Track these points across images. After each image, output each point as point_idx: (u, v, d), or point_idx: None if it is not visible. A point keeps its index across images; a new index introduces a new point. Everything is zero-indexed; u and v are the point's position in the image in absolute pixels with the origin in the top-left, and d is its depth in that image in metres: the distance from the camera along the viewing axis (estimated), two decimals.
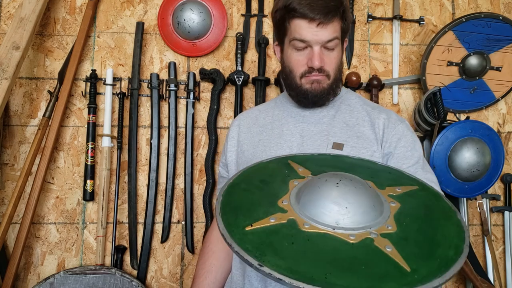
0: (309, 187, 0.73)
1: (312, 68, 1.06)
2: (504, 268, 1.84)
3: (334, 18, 1.03)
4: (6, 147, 1.74)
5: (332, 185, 0.71)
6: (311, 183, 0.74)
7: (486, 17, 1.77)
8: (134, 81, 1.75)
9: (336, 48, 1.07)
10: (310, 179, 0.78)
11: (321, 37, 1.03)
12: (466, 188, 1.69)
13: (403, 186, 0.81)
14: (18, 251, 1.58)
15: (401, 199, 0.76)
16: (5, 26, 1.78)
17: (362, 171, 0.85)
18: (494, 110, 1.92)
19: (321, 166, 0.85)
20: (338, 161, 0.89)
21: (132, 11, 1.84)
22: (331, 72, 1.08)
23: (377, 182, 0.80)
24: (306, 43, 1.05)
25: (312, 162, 0.87)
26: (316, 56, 1.04)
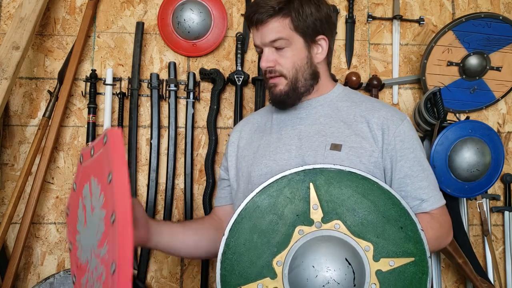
0: (300, 271, 0.79)
1: (264, 70, 1.09)
2: (504, 268, 1.84)
3: (270, 18, 1.04)
4: (6, 147, 1.74)
5: (319, 285, 0.78)
6: (304, 267, 0.80)
7: (486, 17, 1.77)
8: (134, 81, 1.75)
9: (289, 47, 1.06)
10: (308, 251, 0.81)
11: (263, 38, 1.06)
12: (466, 188, 1.69)
13: (400, 259, 0.83)
14: (18, 251, 1.58)
15: (384, 279, 0.81)
16: (5, 26, 1.78)
17: (377, 220, 0.85)
18: (494, 110, 1.92)
19: (338, 203, 0.85)
20: (361, 194, 0.86)
21: (132, 11, 1.84)
22: (285, 71, 1.07)
23: (378, 246, 0.83)
24: (258, 47, 1.09)
25: (333, 190, 0.86)
26: (263, 58, 1.07)
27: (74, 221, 0.92)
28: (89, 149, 0.86)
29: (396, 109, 1.14)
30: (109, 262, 0.69)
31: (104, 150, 0.78)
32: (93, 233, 0.80)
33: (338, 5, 1.88)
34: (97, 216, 0.79)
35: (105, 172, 0.75)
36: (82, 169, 0.91)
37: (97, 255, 0.77)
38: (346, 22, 1.87)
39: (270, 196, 0.85)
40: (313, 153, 1.05)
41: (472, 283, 1.69)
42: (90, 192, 0.84)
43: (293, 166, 1.05)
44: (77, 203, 0.92)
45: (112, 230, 0.69)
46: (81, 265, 0.87)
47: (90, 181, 0.84)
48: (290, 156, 1.07)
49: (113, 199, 0.69)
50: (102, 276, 0.73)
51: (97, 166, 0.82)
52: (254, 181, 1.08)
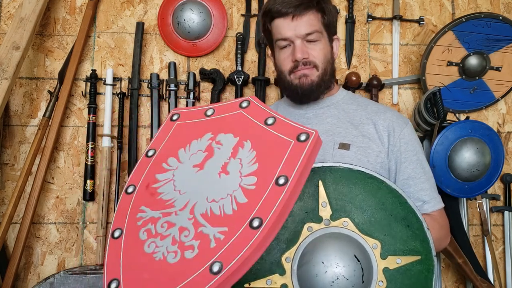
0: (309, 267, 0.79)
1: (297, 61, 1.06)
2: (504, 268, 1.84)
3: (308, 10, 1.04)
4: (6, 147, 1.74)
5: (327, 282, 0.78)
6: (313, 263, 0.79)
7: (486, 17, 1.77)
8: (134, 81, 1.75)
9: (320, 41, 1.07)
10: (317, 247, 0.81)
11: (299, 30, 1.05)
12: (466, 188, 1.69)
13: (406, 257, 0.83)
14: (18, 251, 1.58)
15: (391, 277, 0.81)
16: (5, 26, 1.78)
17: (384, 218, 0.85)
18: (494, 110, 1.92)
19: (346, 200, 0.85)
20: (369, 192, 0.87)
21: (132, 11, 1.84)
22: (318, 62, 1.08)
23: (386, 244, 0.83)
24: (287, 40, 1.07)
25: (341, 188, 0.86)
26: (298, 49, 1.05)
27: (180, 142, 0.88)
28: (268, 114, 0.82)
29: (398, 112, 1.16)
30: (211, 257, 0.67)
31: (295, 147, 0.75)
32: (205, 192, 0.77)
33: (338, 5, 1.88)
34: (226, 187, 0.76)
35: (276, 166, 0.73)
36: (238, 113, 0.86)
37: (196, 223, 0.73)
38: (346, 22, 1.87)
39: None
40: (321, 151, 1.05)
41: (472, 283, 1.69)
42: (233, 152, 0.80)
43: None
44: (200, 132, 0.87)
45: (245, 234, 0.68)
46: (158, 196, 0.81)
47: (243, 141, 0.81)
48: None
49: (268, 208, 0.68)
50: (187, 251, 0.70)
51: (268, 145, 0.78)
52: None
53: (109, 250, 0.79)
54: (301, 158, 0.73)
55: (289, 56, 1.08)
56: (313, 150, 0.75)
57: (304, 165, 0.72)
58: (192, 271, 0.67)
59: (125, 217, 0.82)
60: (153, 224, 0.78)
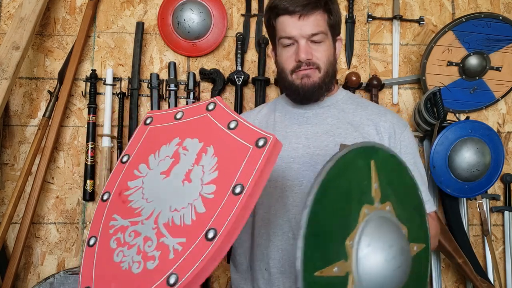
0: (377, 251, 0.75)
1: (300, 62, 1.06)
2: (504, 268, 1.84)
3: (315, 10, 1.03)
4: (6, 147, 1.74)
5: (395, 267, 0.75)
6: (381, 247, 0.75)
7: (486, 17, 1.77)
8: (134, 81, 1.75)
9: (325, 42, 1.06)
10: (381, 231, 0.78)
11: (305, 30, 1.04)
12: (466, 188, 1.69)
13: (419, 244, 0.85)
14: (18, 251, 1.58)
15: (412, 265, 0.81)
16: (5, 26, 1.78)
17: (408, 206, 0.86)
18: (494, 110, 1.92)
19: (389, 185, 0.83)
20: (400, 178, 0.86)
21: (132, 11, 1.84)
22: (321, 64, 1.07)
23: (410, 233, 0.83)
24: (292, 39, 1.06)
25: (385, 171, 0.83)
26: (302, 49, 1.04)
27: (151, 147, 0.87)
28: (232, 117, 0.81)
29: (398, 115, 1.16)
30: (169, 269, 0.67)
31: (253, 153, 0.73)
32: (168, 201, 0.76)
33: None
34: (188, 196, 0.75)
35: (234, 174, 0.72)
36: (204, 117, 0.84)
37: (158, 233, 0.74)
38: (346, 22, 1.87)
39: (342, 170, 0.78)
40: (322, 152, 1.05)
41: (472, 283, 1.69)
42: (197, 158, 0.79)
43: (301, 164, 1.05)
44: (169, 137, 0.86)
45: (200, 246, 0.67)
46: (128, 204, 0.81)
47: (207, 147, 0.79)
48: (297, 154, 1.06)
49: (224, 218, 0.68)
50: (149, 262, 0.71)
51: (228, 150, 0.77)
52: None
53: (85, 257, 0.80)
54: (257, 165, 0.71)
55: (292, 55, 1.07)
56: (271, 156, 0.73)
57: (260, 173, 0.71)
58: (152, 282, 0.68)
59: (100, 225, 0.83)
60: (122, 233, 0.78)
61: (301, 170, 1.04)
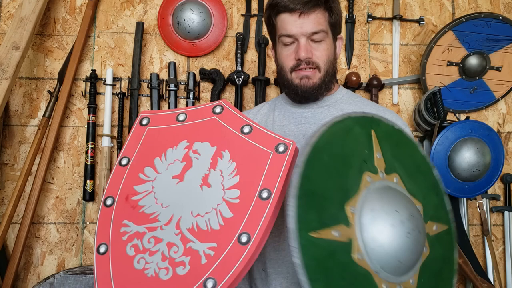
0: (382, 216, 0.70)
1: (300, 60, 1.05)
2: (504, 268, 1.84)
3: (316, 8, 1.02)
4: (6, 147, 1.74)
5: (404, 233, 0.70)
6: (385, 212, 0.71)
7: (486, 17, 1.77)
8: (134, 81, 1.75)
9: (325, 41, 1.06)
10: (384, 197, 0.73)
11: (305, 28, 1.03)
12: (466, 188, 1.69)
13: (439, 224, 0.81)
14: (18, 251, 1.58)
15: (432, 243, 0.78)
16: (5, 26, 1.78)
17: (421, 182, 0.82)
18: (494, 110, 1.92)
19: (395, 157, 0.79)
20: (409, 153, 0.82)
21: (132, 11, 1.84)
22: (321, 63, 1.06)
23: (425, 210, 0.79)
24: (292, 37, 1.05)
25: (390, 143, 0.80)
26: (302, 48, 1.04)
27: (155, 150, 0.86)
28: (244, 122, 0.81)
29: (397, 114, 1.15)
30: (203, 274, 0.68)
31: (274, 158, 0.75)
32: (189, 206, 0.76)
33: None
34: (210, 201, 0.75)
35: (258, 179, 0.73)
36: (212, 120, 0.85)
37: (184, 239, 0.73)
38: (346, 22, 1.87)
39: (337, 135, 0.75)
40: None
41: (472, 283, 1.69)
42: (213, 163, 0.79)
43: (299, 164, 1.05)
44: (175, 140, 0.85)
45: (234, 250, 0.68)
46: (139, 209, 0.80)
47: (221, 151, 0.80)
48: None
49: (255, 222, 0.69)
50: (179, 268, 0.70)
51: (247, 155, 0.77)
52: None
53: (97, 265, 0.79)
54: (281, 171, 0.73)
55: (292, 54, 1.06)
56: (292, 162, 0.75)
57: (285, 178, 0.73)
58: (186, 287, 0.68)
59: (109, 232, 0.82)
60: (139, 239, 0.77)
61: None
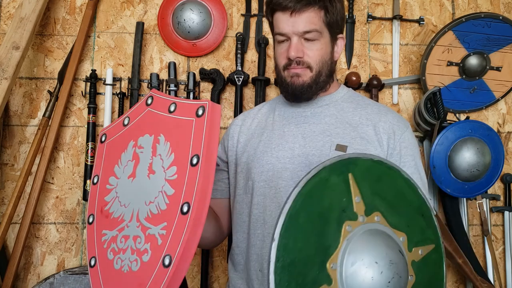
0: (362, 269, 0.72)
1: (290, 59, 1.04)
2: (504, 268, 1.84)
3: (308, 7, 1.01)
4: (6, 147, 1.74)
5: (384, 283, 0.72)
6: (365, 264, 0.72)
7: (486, 17, 1.77)
8: (134, 81, 1.75)
9: (319, 40, 1.04)
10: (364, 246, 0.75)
11: (297, 27, 1.02)
12: (466, 188, 1.69)
13: (425, 246, 0.82)
14: (18, 251, 1.58)
15: (418, 270, 0.79)
16: (5, 26, 1.78)
17: (406, 209, 0.83)
18: (494, 110, 1.92)
19: (376, 194, 0.80)
20: (390, 184, 0.83)
21: (132, 11, 1.84)
22: (313, 64, 1.05)
23: (409, 238, 0.80)
24: (284, 35, 1.05)
25: (369, 180, 0.81)
26: (292, 47, 1.03)
27: (113, 160, 0.91)
28: (169, 102, 0.84)
29: (399, 115, 1.14)
30: (161, 253, 0.70)
31: (197, 123, 0.76)
32: (142, 197, 0.80)
33: None
34: (156, 186, 0.78)
35: (187, 148, 0.75)
36: (147, 112, 0.87)
37: (143, 228, 0.77)
38: (346, 22, 1.87)
39: (312, 193, 0.75)
40: (317, 152, 1.04)
41: (472, 283, 1.69)
42: (153, 150, 0.82)
43: (296, 164, 1.03)
44: (124, 143, 0.89)
45: (180, 221, 0.70)
46: (110, 216, 0.85)
47: (157, 137, 0.82)
48: (293, 154, 1.06)
49: (191, 190, 0.70)
50: (144, 255, 0.74)
51: (175, 131, 0.79)
52: (255, 178, 1.08)
53: (91, 278, 0.85)
54: (204, 132, 0.74)
55: (284, 52, 1.06)
56: (213, 120, 0.75)
57: (209, 138, 0.74)
58: (151, 271, 0.72)
59: (94, 245, 0.87)
60: (114, 243, 0.83)
61: (297, 171, 1.03)
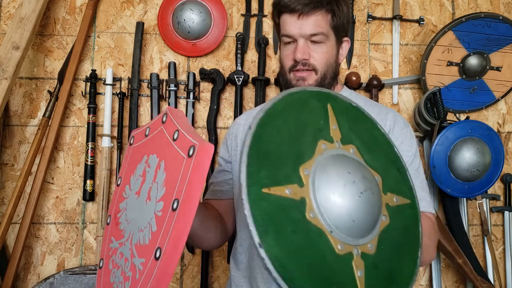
0: (334, 177, 0.72)
1: (296, 61, 1.05)
2: (504, 268, 1.84)
3: (316, 10, 1.02)
4: (6, 147, 1.74)
5: (356, 192, 0.71)
6: (337, 173, 0.72)
7: (486, 17, 1.77)
8: (134, 81, 1.75)
9: (325, 43, 1.05)
10: (337, 161, 0.75)
11: (304, 29, 1.03)
12: (466, 188, 1.69)
13: (401, 197, 0.82)
14: (18, 251, 1.58)
15: (393, 214, 0.79)
16: (5, 26, 1.78)
17: (380, 157, 0.84)
18: (494, 110, 1.92)
19: (352, 131, 0.81)
20: (367, 129, 0.84)
21: (132, 11, 1.84)
22: (318, 66, 1.06)
23: (384, 182, 0.81)
24: (291, 37, 1.05)
25: (347, 118, 0.82)
26: (299, 49, 1.04)
27: (132, 168, 0.88)
28: (175, 127, 0.78)
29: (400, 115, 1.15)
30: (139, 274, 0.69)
31: (186, 163, 0.70)
32: (139, 222, 0.77)
33: None
34: (147, 216, 0.74)
35: (173, 188, 0.69)
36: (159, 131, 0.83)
37: (131, 255, 0.75)
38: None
39: (292, 104, 0.76)
40: None
41: (472, 283, 1.69)
42: (155, 175, 0.78)
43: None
44: (141, 155, 0.86)
45: (150, 268, 0.67)
46: (118, 226, 0.84)
47: (160, 163, 0.78)
48: None
49: (165, 237, 0.66)
50: (127, 283, 0.73)
51: (172, 163, 0.74)
52: None
53: (97, 279, 0.86)
54: (187, 177, 0.67)
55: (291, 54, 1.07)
56: (199, 164, 0.67)
57: (190, 184, 0.67)
58: None
59: (105, 248, 0.86)
60: (115, 254, 0.81)
61: None
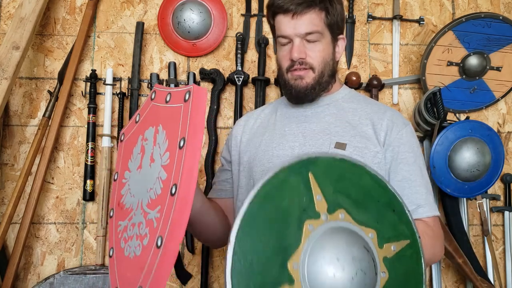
0: (324, 267, 0.72)
1: (293, 61, 1.06)
2: (504, 268, 1.84)
3: (309, 8, 1.02)
4: (6, 147, 1.74)
5: (347, 278, 0.72)
6: (326, 261, 0.72)
7: (486, 17, 1.77)
8: (134, 81, 1.75)
9: (320, 41, 1.06)
10: (325, 245, 0.75)
11: (299, 29, 1.04)
12: (466, 188, 1.69)
13: (398, 242, 0.82)
14: (18, 251, 1.58)
15: (391, 266, 0.79)
16: (5, 26, 1.78)
17: (372, 207, 0.83)
18: (494, 110, 1.92)
19: (338, 192, 0.81)
20: (355, 181, 0.83)
21: (132, 11, 1.84)
22: (315, 64, 1.06)
23: (379, 234, 0.80)
24: (287, 37, 1.06)
25: (330, 180, 0.81)
26: (295, 48, 1.05)
27: (127, 155, 0.96)
28: (166, 92, 0.87)
29: (400, 114, 1.14)
30: (155, 236, 0.73)
31: (184, 107, 0.78)
32: (145, 186, 0.83)
33: None
34: (154, 173, 0.81)
35: (177, 133, 0.77)
36: (151, 106, 0.91)
37: (145, 214, 0.81)
38: (346, 22, 1.87)
39: (270, 195, 0.76)
40: (317, 150, 1.05)
41: (472, 283, 1.69)
42: (154, 140, 0.86)
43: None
44: (135, 138, 0.94)
45: (169, 203, 0.72)
46: (124, 207, 0.90)
47: (157, 127, 0.86)
48: (293, 152, 1.07)
49: (178, 171, 0.72)
50: (144, 239, 0.77)
51: (170, 118, 0.82)
52: (256, 177, 1.09)
53: (110, 267, 0.90)
54: (189, 115, 0.75)
55: (287, 54, 1.07)
56: (197, 102, 0.76)
57: (193, 122, 0.75)
58: (148, 254, 0.75)
59: (113, 237, 0.93)
60: (125, 231, 0.87)
61: None
